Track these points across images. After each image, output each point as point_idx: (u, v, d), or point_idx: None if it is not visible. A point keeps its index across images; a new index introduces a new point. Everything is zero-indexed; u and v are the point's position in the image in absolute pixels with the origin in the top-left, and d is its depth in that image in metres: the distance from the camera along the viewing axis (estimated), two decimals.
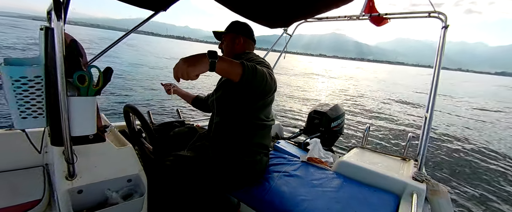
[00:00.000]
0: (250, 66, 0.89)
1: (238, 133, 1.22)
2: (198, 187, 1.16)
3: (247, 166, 1.23)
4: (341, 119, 2.44)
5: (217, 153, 1.21)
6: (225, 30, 1.38)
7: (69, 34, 0.85)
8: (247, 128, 1.22)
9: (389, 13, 1.84)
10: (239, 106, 1.20)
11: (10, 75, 0.70)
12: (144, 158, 1.26)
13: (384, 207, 1.14)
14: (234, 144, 1.22)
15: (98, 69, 0.80)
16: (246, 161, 1.22)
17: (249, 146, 1.24)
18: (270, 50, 2.62)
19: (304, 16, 1.93)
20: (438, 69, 1.51)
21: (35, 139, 0.93)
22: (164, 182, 1.10)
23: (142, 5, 1.70)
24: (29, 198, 0.90)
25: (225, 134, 1.24)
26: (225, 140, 1.23)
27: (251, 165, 1.24)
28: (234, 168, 1.20)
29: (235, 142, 1.22)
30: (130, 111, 1.35)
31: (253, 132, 1.24)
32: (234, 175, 1.21)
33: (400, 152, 1.78)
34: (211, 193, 1.21)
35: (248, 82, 0.89)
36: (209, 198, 1.19)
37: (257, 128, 1.24)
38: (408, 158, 1.64)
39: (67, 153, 0.76)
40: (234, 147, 1.22)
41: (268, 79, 0.97)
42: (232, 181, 1.22)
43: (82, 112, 0.75)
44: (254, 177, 1.29)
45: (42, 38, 0.73)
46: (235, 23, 1.39)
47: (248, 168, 1.24)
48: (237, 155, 1.21)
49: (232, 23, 1.39)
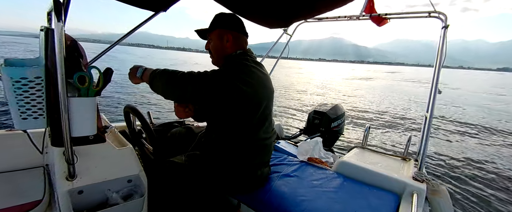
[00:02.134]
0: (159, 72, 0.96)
1: (238, 153, 1.09)
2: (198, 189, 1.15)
3: (248, 179, 1.18)
4: (341, 119, 2.44)
5: (216, 167, 1.12)
6: (210, 26, 1.15)
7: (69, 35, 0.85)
8: (248, 149, 1.10)
9: (389, 13, 1.84)
10: (228, 122, 1.06)
11: (11, 76, 0.70)
12: (144, 158, 1.26)
13: (384, 207, 1.14)
14: (235, 162, 1.11)
15: (98, 70, 0.80)
16: (248, 176, 1.16)
17: (251, 165, 1.15)
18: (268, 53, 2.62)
19: (304, 16, 1.93)
20: (438, 69, 1.51)
21: (36, 140, 0.93)
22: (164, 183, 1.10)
23: (142, 5, 1.70)
24: (29, 198, 0.90)
25: (223, 153, 1.11)
26: (224, 158, 1.11)
27: (252, 179, 1.19)
28: (234, 179, 1.15)
29: (236, 161, 1.11)
30: (130, 111, 1.35)
31: (254, 152, 1.12)
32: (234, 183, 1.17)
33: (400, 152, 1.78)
34: (211, 194, 1.20)
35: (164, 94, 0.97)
36: (209, 199, 1.19)
37: (258, 148, 1.13)
38: (408, 158, 1.64)
39: (67, 154, 0.76)
40: (235, 165, 1.12)
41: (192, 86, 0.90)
42: (232, 186, 1.20)
43: (82, 113, 0.75)
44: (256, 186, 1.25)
45: (42, 39, 0.73)
46: (220, 15, 1.14)
47: (249, 181, 1.19)
48: (238, 172, 1.13)
49: (216, 17, 1.14)
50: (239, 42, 1.14)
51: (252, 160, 1.13)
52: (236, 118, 1.04)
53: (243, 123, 1.05)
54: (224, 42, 1.12)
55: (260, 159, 1.18)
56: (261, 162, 1.20)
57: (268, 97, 1.09)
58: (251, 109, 1.03)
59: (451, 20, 1.53)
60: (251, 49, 1.18)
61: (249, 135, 1.08)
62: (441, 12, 1.58)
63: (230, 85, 0.94)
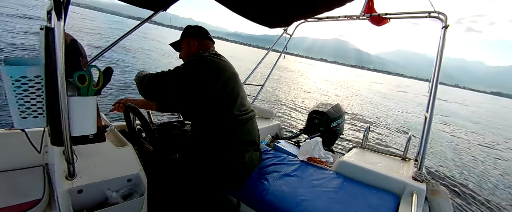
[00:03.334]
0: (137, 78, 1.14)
1: (219, 136, 1.18)
2: (198, 187, 1.16)
3: (240, 166, 1.22)
4: (341, 119, 2.44)
5: (206, 158, 1.18)
6: (180, 37, 1.40)
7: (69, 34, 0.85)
8: (225, 128, 1.19)
9: (389, 13, 1.84)
10: (203, 110, 1.18)
11: (10, 75, 0.70)
12: (144, 157, 1.26)
13: (384, 207, 1.14)
14: (219, 148, 1.18)
15: (98, 69, 0.80)
16: (238, 162, 1.21)
17: (235, 146, 1.21)
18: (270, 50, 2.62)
19: (304, 16, 1.93)
20: (438, 70, 1.51)
21: (35, 139, 0.93)
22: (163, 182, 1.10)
23: (142, 5, 1.70)
24: (29, 197, 0.90)
25: (207, 140, 1.19)
26: (210, 146, 1.19)
27: (243, 164, 1.23)
28: (227, 170, 1.19)
29: (220, 146, 1.18)
30: (130, 110, 1.34)
31: (233, 130, 1.20)
32: (229, 174, 1.20)
33: (400, 152, 1.78)
34: (211, 193, 1.21)
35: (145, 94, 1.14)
36: (209, 198, 1.19)
37: (236, 125, 1.21)
38: (408, 158, 1.65)
39: (67, 153, 0.76)
40: (221, 151, 1.18)
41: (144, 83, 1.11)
42: (228, 180, 1.22)
43: (82, 112, 0.75)
44: (250, 173, 1.29)
45: (42, 38, 0.73)
46: (188, 28, 1.40)
47: (241, 168, 1.23)
48: (226, 157, 1.18)
49: (185, 29, 1.41)
50: (203, 46, 1.35)
51: (234, 138, 1.20)
52: (207, 102, 1.16)
53: (214, 104, 1.17)
54: (191, 47, 1.34)
55: (243, 138, 1.24)
56: (244, 141, 1.25)
57: (231, 79, 1.23)
58: (216, 90, 1.16)
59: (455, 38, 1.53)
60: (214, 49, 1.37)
61: (223, 114, 1.18)
62: (441, 12, 1.58)
63: (191, 74, 1.11)
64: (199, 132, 1.22)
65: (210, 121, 1.18)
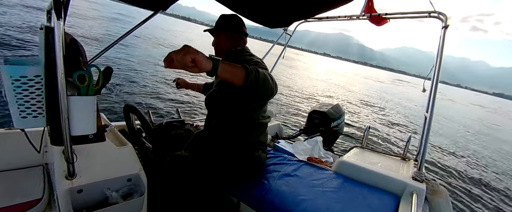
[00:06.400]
0: (253, 69, 0.88)
1: (235, 132, 1.22)
2: (198, 186, 1.16)
3: (245, 163, 1.23)
4: (341, 119, 2.44)
5: (214, 152, 1.21)
6: (214, 26, 1.33)
7: (69, 34, 0.85)
8: (244, 127, 1.22)
9: (389, 13, 1.84)
10: (236, 107, 1.20)
11: (10, 75, 0.70)
12: (144, 157, 1.26)
13: (384, 207, 1.14)
14: (231, 142, 1.22)
15: (98, 68, 0.80)
16: (244, 158, 1.23)
17: (246, 144, 1.24)
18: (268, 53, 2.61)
19: (304, 16, 1.93)
20: (438, 70, 1.51)
21: (35, 138, 0.93)
22: (163, 181, 1.10)
23: (142, 5, 1.70)
24: (28, 197, 0.90)
25: (222, 134, 1.23)
26: (222, 140, 1.23)
27: (249, 162, 1.25)
28: (232, 165, 1.20)
29: (232, 140, 1.22)
30: (130, 110, 1.34)
31: (249, 130, 1.24)
32: (233, 172, 1.21)
33: (400, 152, 1.78)
34: (211, 193, 1.21)
35: (251, 87, 0.87)
36: (209, 198, 1.19)
37: (254, 126, 1.25)
38: (408, 158, 1.64)
39: (67, 153, 0.76)
40: (231, 146, 1.22)
41: (270, 83, 0.95)
42: (231, 179, 1.22)
43: (82, 111, 0.75)
44: (253, 174, 1.29)
45: (42, 38, 0.73)
46: (223, 17, 1.32)
47: (246, 165, 1.24)
48: (234, 152, 1.21)
49: (219, 18, 1.33)
50: (238, 41, 1.30)
51: (247, 137, 1.23)
52: (243, 101, 1.17)
53: (245, 105, 1.19)
54: (225, 40, 1.29)
55: (256, 137, 1.27)
56: (257, 141, 1.28)
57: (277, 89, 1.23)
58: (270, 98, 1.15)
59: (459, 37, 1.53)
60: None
61: (247, 116, 1.21)
62: (441, 12, 1.58)
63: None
64: (220, 128, 1.23)
65: (239, 121, 1.21)
